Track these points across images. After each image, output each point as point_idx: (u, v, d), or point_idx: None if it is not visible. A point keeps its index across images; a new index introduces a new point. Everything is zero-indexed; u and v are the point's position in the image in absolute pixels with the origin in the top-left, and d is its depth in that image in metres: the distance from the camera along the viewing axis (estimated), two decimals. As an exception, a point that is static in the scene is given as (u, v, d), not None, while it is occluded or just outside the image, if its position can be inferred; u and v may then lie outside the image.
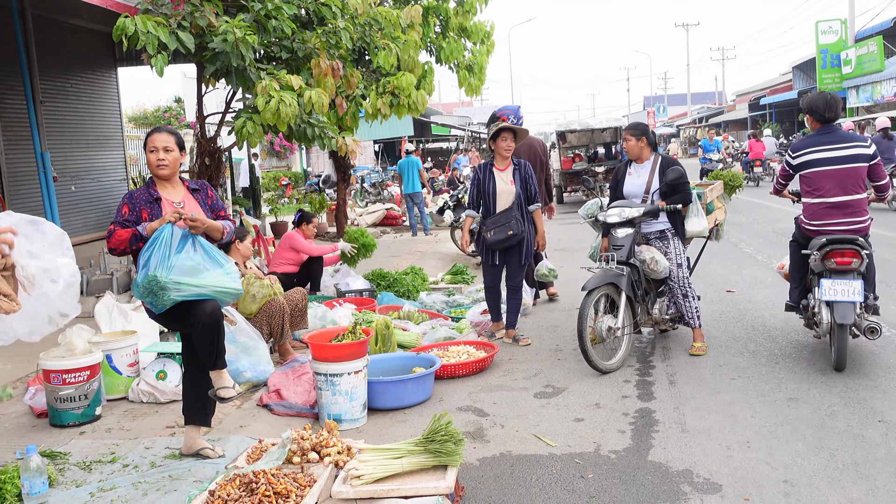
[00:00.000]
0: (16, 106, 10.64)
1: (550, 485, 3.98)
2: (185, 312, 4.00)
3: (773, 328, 6.80)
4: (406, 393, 5.32)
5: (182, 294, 3.88)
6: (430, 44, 11.83)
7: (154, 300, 3.92)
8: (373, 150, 34.25)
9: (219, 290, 3.99)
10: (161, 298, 3.89)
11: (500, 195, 6.73)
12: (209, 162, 7.78)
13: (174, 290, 3.85)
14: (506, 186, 6.73)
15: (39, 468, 3.53)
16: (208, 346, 4.02)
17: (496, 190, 6.73)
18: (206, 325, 3.97)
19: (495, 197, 6.74)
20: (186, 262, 3.89)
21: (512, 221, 6.63)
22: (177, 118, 28.60)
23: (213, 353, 4.05)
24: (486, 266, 6.90)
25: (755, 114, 45.74)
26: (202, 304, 3.97)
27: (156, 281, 3.83)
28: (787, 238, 11.86)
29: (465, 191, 15.02)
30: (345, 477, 3.65)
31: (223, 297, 4.05)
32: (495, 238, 6.63)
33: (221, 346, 4.08)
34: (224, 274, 4.01)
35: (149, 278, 3.84)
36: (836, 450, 4.20)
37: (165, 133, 4.20)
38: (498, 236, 6.63)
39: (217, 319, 4.01)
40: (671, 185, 6.10)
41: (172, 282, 3.83)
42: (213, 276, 3.96)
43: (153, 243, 3.89)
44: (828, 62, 30.52)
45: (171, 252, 3.87)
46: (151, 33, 5.79)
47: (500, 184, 6.73)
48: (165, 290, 3.84)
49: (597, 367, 5.75)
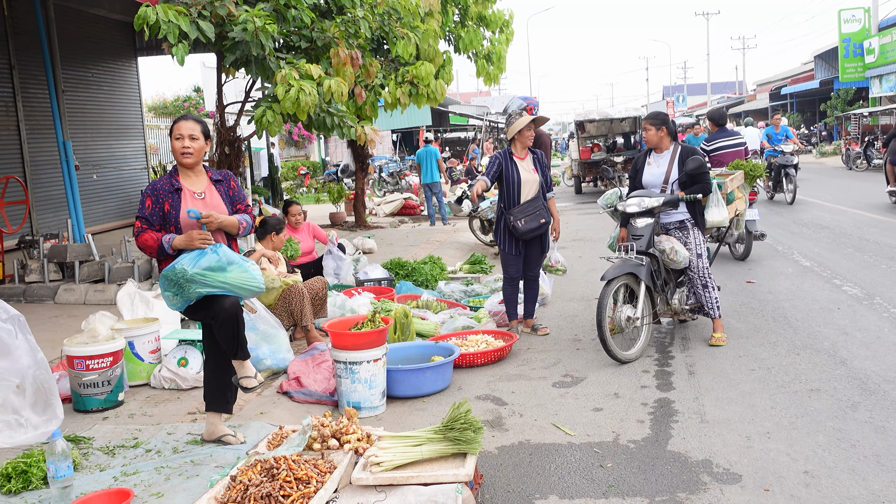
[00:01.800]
0: (38, 95, 10.74)
1: (569, 474, 3.99)
2: (204, 306, 4.05)
3: (793, 319, 6.76)
4: (425, 381, 5.34)
5: (207, 288, 3.93)
6: (449, 33, 11.81)
7: (180, 292, 3.96)
8: (391, 140, 34.27)
9: (241, 287, 4.03)
10: (187, 291, 3.94)
11: (525, 184, 6.60)
12: (229, 151, 7.83)
13: (200, 282, 3.89)
14: (530, 175, 6.62)
15: (64, 452, 3.58)
16: (228, 339, 4.08)
17: (521, 178, 6.59)
18: (226, 319, 4.02)
19: (520, 185, 6.59)
20: (212, 262, 3.94)
21: (541, 210, 6.58)
22: (196, 108, 28.76)
23: (234, 345, 4.10)
24: (511, 256, 6.71)
25: (776, 103, 45.30)
26: (222, 299, 4.01)
27: (184, 273, 3.88)
28: (807, 229, 11.82)
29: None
30: (364, 464, 3.68)
31: (245, 292, 4.09)
32: (527, 227, 6.50)
33: (242, 338, 4.12)
34: (245, 271, 4.04)
35: (176, 270, 3.89)
36: (858, 441, 4.17)
37: (192, 121, 4.19)
38: (530, 225, 6.51)
39: (236, 314, 4.05)
40: (691, 175, 6.06)
41: (199, 273, 3.88)
42: (237, 272, 4.00)
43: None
44: (850, 51, 30.16)
45: (197, 254, 3.97)
46: (172, 22, 5.82)
47: (524, 173, 6.61)
48: (192, 282, 3.89)
49: (616, 357, 5.74)
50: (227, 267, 3.96)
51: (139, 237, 4.07)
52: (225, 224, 4.15)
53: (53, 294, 8.67)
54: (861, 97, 33.33)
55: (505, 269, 6.81)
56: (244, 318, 4.48)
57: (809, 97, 41.68)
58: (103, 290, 8.55)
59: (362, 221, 15.37)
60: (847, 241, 10.59)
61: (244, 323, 4.18)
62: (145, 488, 3.73)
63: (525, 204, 6.58)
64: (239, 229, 4.26)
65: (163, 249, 4.02)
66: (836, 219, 13.06)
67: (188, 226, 4.07)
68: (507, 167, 6.63)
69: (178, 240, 3.99)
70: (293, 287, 6.20)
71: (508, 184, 6.61)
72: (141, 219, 4.08)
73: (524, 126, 6.60)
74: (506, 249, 6.70)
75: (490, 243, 12.01)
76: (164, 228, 4.08)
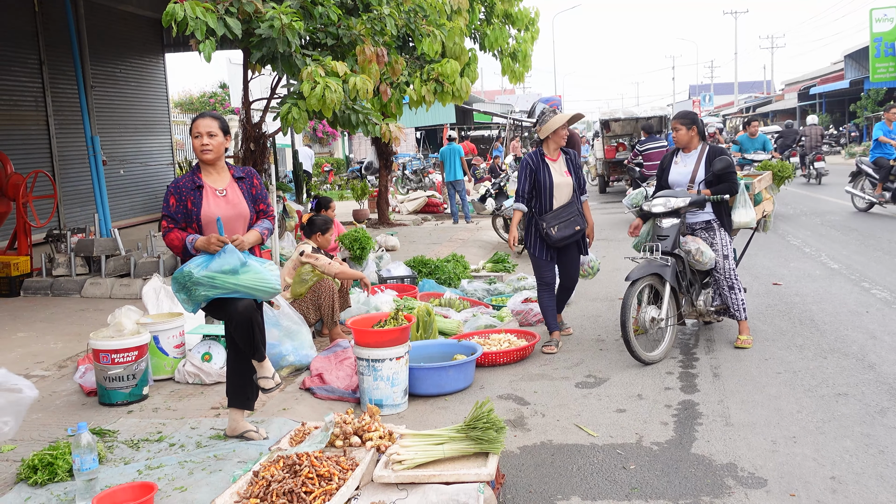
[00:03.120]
0: (67, 91, 10.87)
1: (591, 475, 3.96)
2: (221, 307, 4.07)
3: (821, 322, 6.67)
4: (447, 380, 5.33)
5: (217, 290, 3.93)
6: (475, 30, 11.78)
7: (188, 295, 3.98)
8: (414, 138, 34.30)
9: (254, 288, 4.01)
10: (194, 294, 3.95)
11: (558, 188, 6.19)
12: (254, 147, 7.86)
13: (208, 284, 3.90)
14: (562, 178, 6.22)
15: (90, 445, 3.61)
16: (244, 341, 4.09)
17: (553, 182, 6.17)
18: (240, 322, 4.02)
19: (552, 189, 6.17)
20: (223, 265, 3.93)
21: (576, 216, 6.21)
22: (222, 104, 28.97)
23: (250, 347, 4.12)
24: (544, 262, 6.29)
25: (804, 103, 44.77)
26: (235, 301, 4.01)
27: (190, 276, 3.90)
28: (836, 231, 11.65)
29: (506, 179, 14.96)
30: (386, 461, 3.67)
31: (260, 293, 4.08)
32: (561, 235, 6.12)
33: (258, 340, 4.12)
34: (258, 273, 4.01)
35: (184, 273, 3.92)
36: (887, 447, 4.10)
37: (209, 118, 4.19)
38: (564, 232, 6.13)
39: (250, 317, 4.03)
40: (718, 175, 6.00)
41: (207, 276, 3.89)
42: (250, 274, 3.99)
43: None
44: (882, 51, 29.73)
45: (206, 257, 3.97)
46: (200, 19, 5.85)
47: (557, 176, 6.20)
48: (199, 284, 3.90)
49: (639, 358, 5.70)
50: (238, 270, 3.94)
51: (167, 236, 4.10)
52: (250, 241, 4.14)
53: (80, 288, 8.77)
54: (892, 97, 32.81)
55: (538, 274, 6.40)
56: (265, 314, 4.49)
57: (839, 97, 41.12)
58: (129, 284, 8.63)
59: (385, 219, 15.39)
60: (876, 244, 10.43)
61: (261, 325, 4.18)
62: (169, 482, 3.75)
63: (559, 209, 6.19)
64: (263, 240, 4.27)
65: (186, 250, 4.05)
66: (865, 221, 12.88)
67: (210, 223, 4.09)
68: (540, 170, 6.23)
69: (199, 242, 4.00)
70: (324, 283, 6.20)
71: (540, 188, 6.21)
72: (167, 217, 4.11)
73: (560, 125, 6.20)
74: (536, 254, 6.31)
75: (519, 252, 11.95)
76: (188, 226, 4.11)
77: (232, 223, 4.17)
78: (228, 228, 4.14)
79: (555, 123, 6.19)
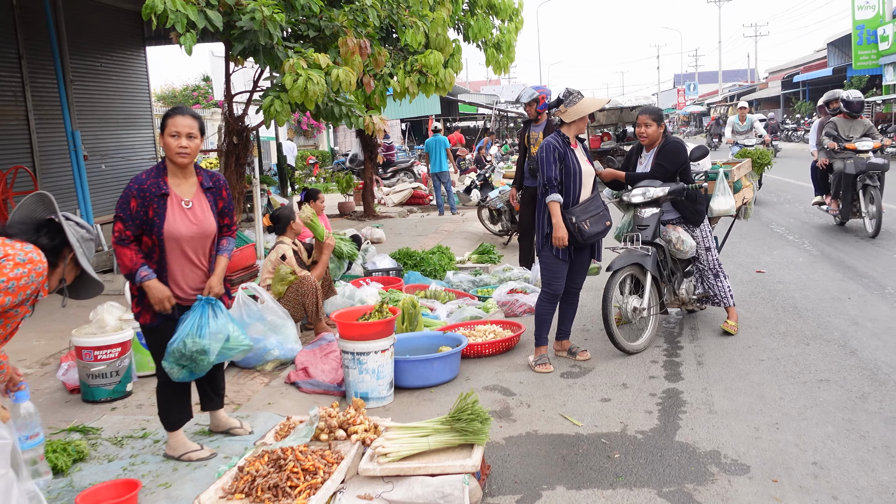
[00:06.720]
0: (47, 85, 10.75)
1: (576, 464, 3.98)
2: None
3: (803, 309, 6.72)
4: (432, 372, 5.34)
5: (216, 356, 3.82)
6: (458, 21, 11.74)
7: (193, 367, 3.80)
8: (399, 129, 34.21)
9: (239, 350, 3.95)
10: (200, 364, 3.80)
11: (586, 177, 5.51)
12: (237, 141, 7.82)
13: (212, 352, 3.77)
14: (588, 167, 5.55)
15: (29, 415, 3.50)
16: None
17: (581, 171, 5.49)
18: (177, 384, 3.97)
19: (581, 179, 5.48)
20: (213, 329, 3.79)
21: (604, 210, 5.58)
22: (205, 97, 28.78)
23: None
24: (560, 263, 5.51)
25: (788, 91, 45.00)
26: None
27: (198, 346, 3.73)
28: (819, 218, 11.71)
29: (491, 170, 14.95)
30: (372, 454, 3.68)
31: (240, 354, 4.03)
32: (594, 230, 5.43)
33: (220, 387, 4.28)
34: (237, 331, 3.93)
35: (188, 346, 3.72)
36: (867, 433, 4.15)
37: (190, 117, 3.81)
38: (597, 228, 5.46)
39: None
40: (680, 170, 5.95)
41: (208, 343, 3.75)
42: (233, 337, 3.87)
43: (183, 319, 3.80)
44: (864, 38, 29.88)
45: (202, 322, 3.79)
46: (180, 11, 5.80)
47: (584, 164, 5.53)
48: (206, 352, 3.75)
49: (622, 348, 5.72)
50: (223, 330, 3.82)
51: (120, 249, 3.71)
52: (220, 276, 3.97)
53: (63, 284, 8.68)
54: (875, 85, 33.03)
55: (547, 281, 5.60)
56: (250, 308, 4.45)
57: (822, 85, 41.22)
58: (112, 280, 8.56)
59: (371, 211, 15.36)
60: (857, 232, 10.50)
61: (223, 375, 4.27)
62: (153, 479, 3.75)
63: (586, 202, 5.49)
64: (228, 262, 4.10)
65: (133, 276, 3.74)
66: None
67: (171, 240, 3.77)
68: (567, 156, 5.44)
69: (152, 291, 3.72)
70: (305, 280, 6.17)
71: (568, 177, 5.42)
72: (122, 220, 3.71)
73: (594, 109, 5.57)
74: (552, 253, 5.52)
75: (499, 233, 11.98)
76: (144, 235, 3.75)
77: (195, 243, 3.85)
78: (192, 248, 3.86)
79: (587, 107, 5.48)
